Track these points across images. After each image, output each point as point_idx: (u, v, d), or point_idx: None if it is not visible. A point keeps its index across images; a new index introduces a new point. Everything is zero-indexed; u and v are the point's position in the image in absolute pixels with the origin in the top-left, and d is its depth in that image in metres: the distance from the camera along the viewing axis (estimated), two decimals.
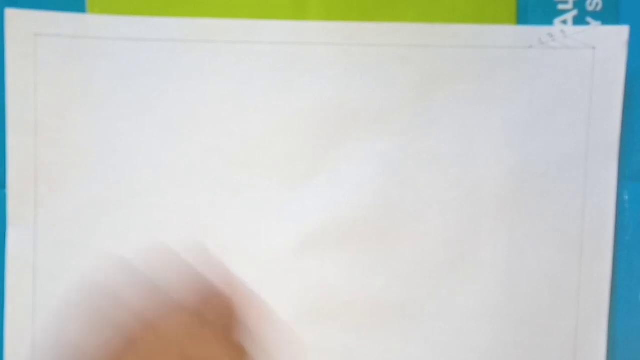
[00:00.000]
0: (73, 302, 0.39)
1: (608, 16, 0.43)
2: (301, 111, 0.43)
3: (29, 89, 0.43)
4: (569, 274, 0.44)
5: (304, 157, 0.44)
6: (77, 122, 0.43)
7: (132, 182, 0.43)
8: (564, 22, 0.43)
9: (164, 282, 0.35)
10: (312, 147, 0.43)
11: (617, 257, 0.44)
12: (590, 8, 0.43)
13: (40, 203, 0.43)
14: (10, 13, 0.42)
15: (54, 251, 0.43)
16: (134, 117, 0.43)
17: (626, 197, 0.44)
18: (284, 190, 0.44)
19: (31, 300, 0.43)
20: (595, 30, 0.43)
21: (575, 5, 0.43)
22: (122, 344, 0.34)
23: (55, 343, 0.43)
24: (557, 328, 0.44)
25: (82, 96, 0.43)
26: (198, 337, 0.34)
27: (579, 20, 0.43)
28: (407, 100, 0.43)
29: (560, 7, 0.43)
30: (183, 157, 0.43)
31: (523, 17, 0.43)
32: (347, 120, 0.43)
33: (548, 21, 0.43)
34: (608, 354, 0.44)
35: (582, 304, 0.44)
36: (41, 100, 0.43)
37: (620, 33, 0.43)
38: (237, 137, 0.43)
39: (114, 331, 0.34)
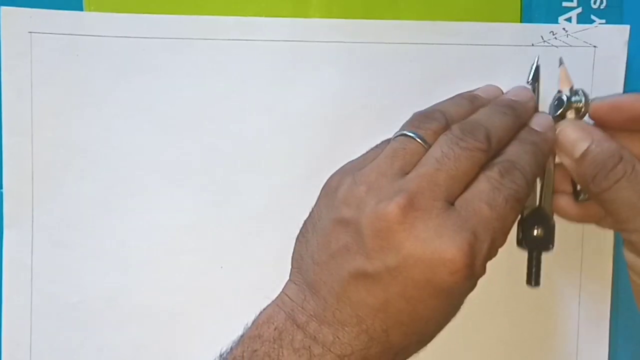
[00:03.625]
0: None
1: (612, 14, 0.43)
2: (302, 109, 0.43)
3: (24, 87, 0.42)
4: (570, 274, 0.44)
5: (304, 156, 0.43)
6: (73, 121, 0.42)
7: (130, 182, 0.43)
8: (568, 19, 0.43)
9: None
10: (313, 145, 0.43)
11: (618, 256, 0.44)
12: (594, 6, 0.43)
13: (36, 204, 0.43)
14: (5, 11, 0.42)
15: (51, 252, 0.43)
16: (131, 117, 0.43)
17: None
18: (284, 190, 0.43)
19: (29, 301, 0.43)
20: (597, 29, 0.43)
21: (580, 2, 0.43)
22: None
23: (53, 343, 0.43)
24: (559, 328, 0.44)
25: (79, 95, 0.42)
26: None
27: (583, 18, 0.43)
28: (409, 99, 0.43)
29: (565, 4, 0.43)
30: (181, 156, 0.43)
31: (527, 14, 0.43)
32: (349, 119, 0.43)
33: (553, 19, 0.43)
34: (610, 354, 0.44)
35: (584, 303, 0.44)
36: (37, 99, 0.42)
37: (621, 32, 0.43)
38: (236, 136, 0.43)
39: None
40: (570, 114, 0.37)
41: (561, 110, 0.38)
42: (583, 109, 0.37)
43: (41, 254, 0.43)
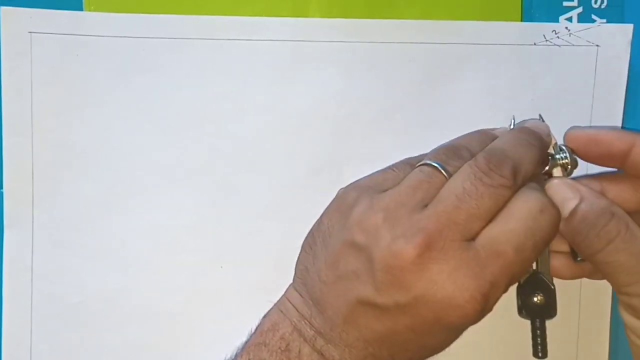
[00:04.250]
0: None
1: (613, 14, 0.43)
2: (302, 109, 0.43)
3: (24, 87, 0.42)
4: None
5: (304, 156, 0.43)
6: (73, 121, 0.42)
7: (130, 182, 0.43)
8: (569, 19, 0.43)
9: None
10: (313, 146, 0.43)
11: None
12: (595, 5, 0.43)
13: (36, 204, 0.43)
14: (5, 11, 0.42)
15: (51, 253, 0.43)
16: (131, 117, 0.43)
17: None
18: (284, 190, 0.43)
19: (29, 301, 0.43)
20: (600, 28, 0.43)
21: (581, 2, 0.43)
22: None
23: (53, 344, 0.43)
24: (559, 329, 0.44)
25: (79, 95, 0.42)
26: None
27: (583, 18, 0.43)
28: (410, 98, 0.43)
29: (566, 3, 0.43)
30: (181, 156, 0.43)
31: (528, 14, 0.43)
32: (349, 119, 0.43)
33: (553, 18, 0.43)
34: (610, 355, 0.44)
35: (584, 303, 0.44)
36: (37, 99, 0.42)
37: (624, 31, 0.43)
38: (237, 136, 0.43)
39: None
40: (557, 172, 0.36)
41: (547, 168, 0.36)
42: (570, 166, 0.36)
43: (41, 254, 0.43)
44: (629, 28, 0.43)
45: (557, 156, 0.36)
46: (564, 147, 0.36)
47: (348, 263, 0.31)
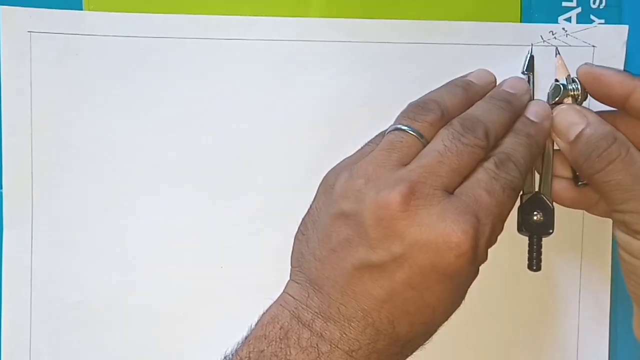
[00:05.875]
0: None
1: (611, 14, 0.43)
2: (302, 109, 0.43)
3: (24, 87, 0.42)
4: (570, 273, 0.44)
5: (304, 156, 0.43)
6: (72, 121, 0.42)
7: (130, 182, 0.43)
8: (568, 19, 0.43)
9: None
10: (312, 145, 0.43)
11: (617, 257, 0.44)
12: (594, 6, 0.44)
13: (36, 204, 0.42)
14: (5, 10, 0.41)
15: (50, 253, 0.43)
16: (131, 116, 0.43)
17: None
18: (284, 189, 0.43)
19: (28, 301, 0.43)
20: (596, 29, 0.43)
21: (579, 2, 0.43)
22: None
23: (53, 344, 0.43)
24: (559, 327, 0.44)
25: (78, 95, 0.42)
26: None
27: (582, 18, 0.44)
28: (409, 98, 0.43)
29: (565, 4, 0.43)
30: (181, 156, 0.43)
31: (527, 14, 0.43)
32: (348, 118, 0.43)
33: (552, 18, 0.43)
34: (610, 353, 0.44)
35: (583, 302, 0.44)
36: (36, 99, 0.42)
37: (619, 32, 0.43)
38: (236, 135, 0.43)
39: None
40: (567, 102, 0.39)
41: (558, 98, 0.39)
42: (580, 97, 0.39)
43: (41, 254, 0.43)
44: (624, 29, 0.43)
45: (569, 87, 0.39)
46: (576, 79, 0.39)
47: (340, 233, 0.32)
